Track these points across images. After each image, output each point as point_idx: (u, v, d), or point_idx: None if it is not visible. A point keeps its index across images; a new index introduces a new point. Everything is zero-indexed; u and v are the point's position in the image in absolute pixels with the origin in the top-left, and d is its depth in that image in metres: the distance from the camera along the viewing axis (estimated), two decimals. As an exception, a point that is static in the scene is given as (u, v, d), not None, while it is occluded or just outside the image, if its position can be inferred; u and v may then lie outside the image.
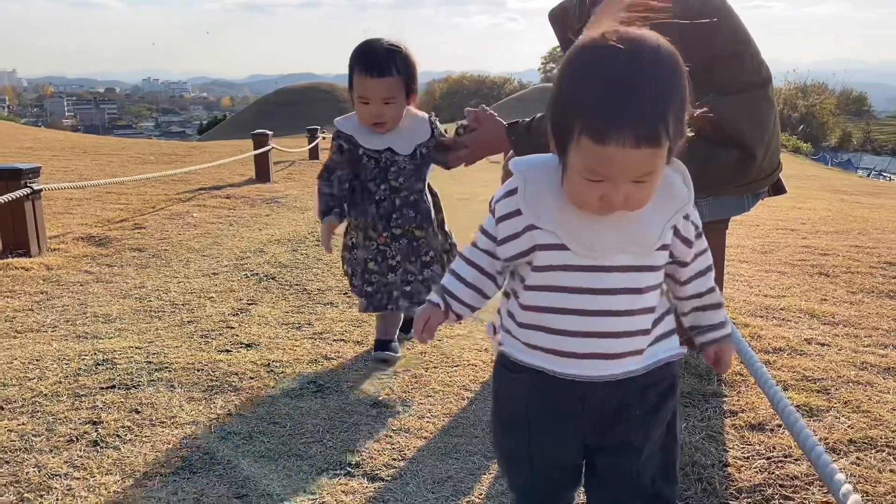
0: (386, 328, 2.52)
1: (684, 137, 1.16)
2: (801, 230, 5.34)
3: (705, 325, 1.34)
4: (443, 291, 1.34)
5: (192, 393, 2.26)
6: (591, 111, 1.07)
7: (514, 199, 1.21)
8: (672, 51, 1.13)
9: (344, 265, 2.54)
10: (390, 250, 2.42)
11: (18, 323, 2.96)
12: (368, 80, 2.30)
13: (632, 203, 1.12)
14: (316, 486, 1.75)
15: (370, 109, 2.34)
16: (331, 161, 2.42)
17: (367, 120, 2.37)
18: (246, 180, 7.76)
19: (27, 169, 4.08)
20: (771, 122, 2.24)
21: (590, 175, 1.09)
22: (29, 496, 1.68)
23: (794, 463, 1.84)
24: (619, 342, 1.20)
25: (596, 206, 1.12)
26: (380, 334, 2.52)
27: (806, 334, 2.78)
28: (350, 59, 2.34)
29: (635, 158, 1.07)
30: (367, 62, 2.31)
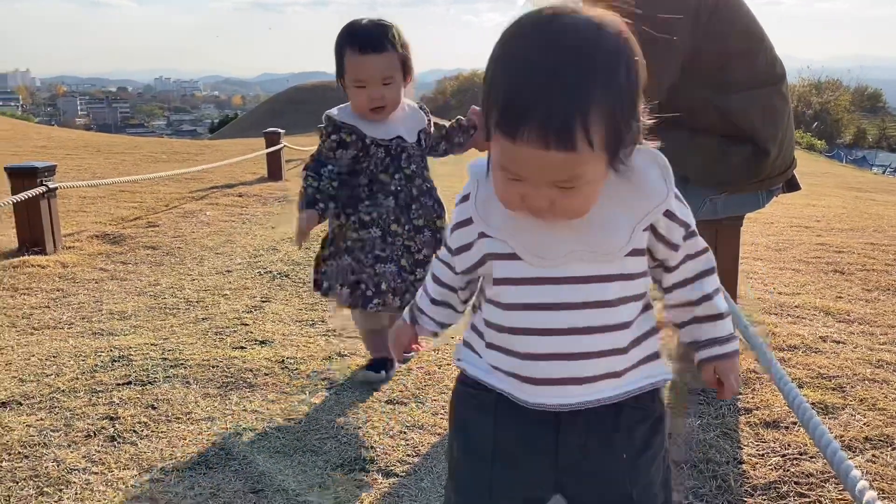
0: (382, 344, 2.28)
1: (631, 144, 0.99)
2: (816, 227, 5.30)
3: (703, 340, 1.17)
4: (412, 308, 1.25)
5: (207, 389, 2.28)
6: (501, 101, 0.91)
7: (466, 205, 1.08)
8: (622, 41, 0.93)
9: (320, 273, 2.29)
10: (415, 244, 2.26)
11: (35, 320, 2.99)
12: (363, 59, 2.11)
13: (560, 211, 0.96)
14: (331, 481, 1.76)
15: (368, 93, 2.14)
16: (322, 154, 2.23)
17: (364, 106, 2.17)
18: (258, 178, 7.79)
19: (43, 167, 4.12)
20: (784, 118, 2.23)
21: (507, 172, 0.95)
22: (48, 490, 1.70)
23: (809, 460, 1.83)
24: (590, 364, 1.04)
25: (519, 207, 0.98)
26: (377, 351, 2.38)
27: (821, 332, 2.77)
28: (337, 42, 2.15)
29: (547, 161, 0.90)
30: (359, 40, 2.12)
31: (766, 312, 3.01)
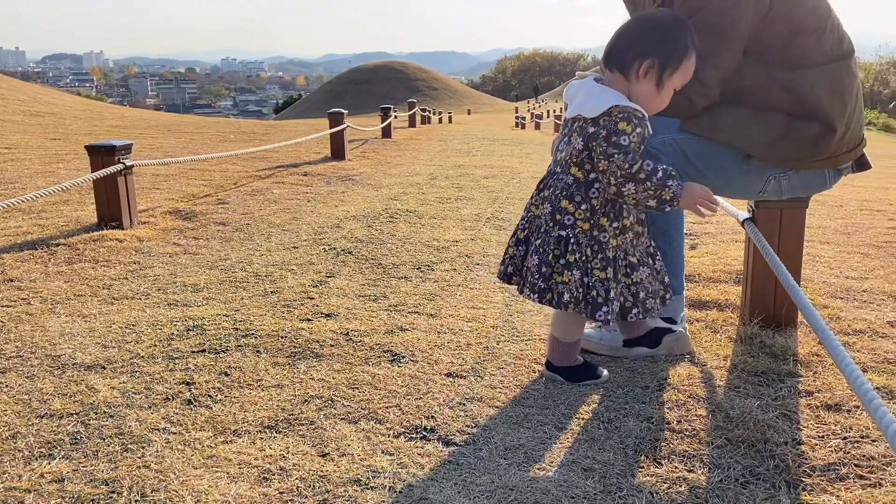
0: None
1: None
2: (888, 211, 5.13)
3: None
4: None
5: (276, 358, 2.38)
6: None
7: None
8: None
9: (603, 271, 2.04)
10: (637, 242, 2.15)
11: (115, 290, 3.16)
12: (694, 62, 2.00)
13: None
14: (394, 447, 1.83)
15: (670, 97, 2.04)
16: (633, 146, 1.95)
17: (659, 109, 2.06)
18: (322, 158, 7.94)
19: (120, 146, 4.30)
20: (853, 95, 2.19)
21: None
22: (132, 447, 1.83)
23: (871, 444, 1.82)
24: None
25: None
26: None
27: (889, 317, 2.71)
28: (684, 37, 1.97)
29: None
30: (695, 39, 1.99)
31: (831, 297, 2.96)
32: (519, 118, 26.42)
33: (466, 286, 3.19)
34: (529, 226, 2.14)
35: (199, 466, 1.74)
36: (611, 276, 2.04)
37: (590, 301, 2.04)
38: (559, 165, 2.09)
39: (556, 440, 1.88)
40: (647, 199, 1.96)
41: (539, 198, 2.12)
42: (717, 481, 1.68)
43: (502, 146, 10.96)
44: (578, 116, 2.02)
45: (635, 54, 1.98)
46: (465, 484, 1.68)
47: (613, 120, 1.94)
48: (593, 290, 2.03)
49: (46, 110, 14.14)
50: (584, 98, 2.02)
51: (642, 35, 2.00)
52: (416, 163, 8.07)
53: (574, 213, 2.02)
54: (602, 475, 1.71)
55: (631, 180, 1.93)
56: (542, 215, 2.08)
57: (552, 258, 2.04)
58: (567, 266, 2.02)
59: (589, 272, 2.03)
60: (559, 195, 2.04)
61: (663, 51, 1.98)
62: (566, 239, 2.03)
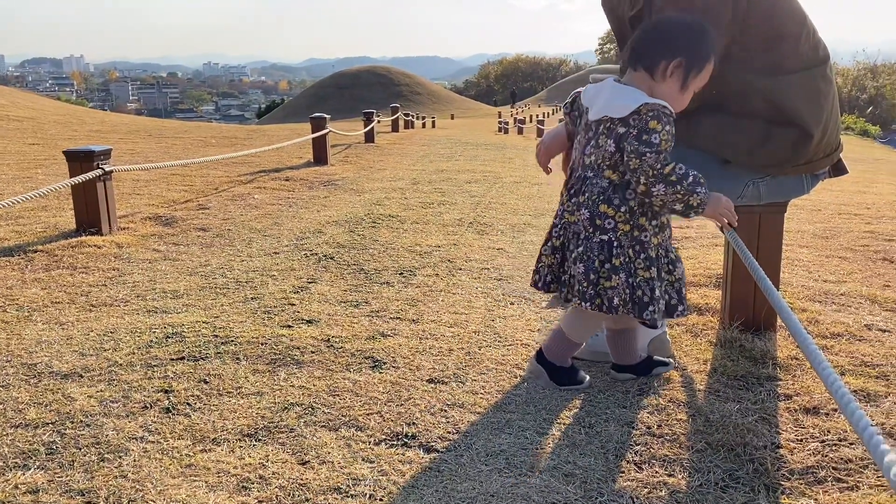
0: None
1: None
2: (866, 215, 5.19)
3: None
4: None
5: (256, 365, 2.36)
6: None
7: None
8: None
9: (647, 271, 2.03)
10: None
11: (93, 297, 3.13)
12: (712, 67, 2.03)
13: None
14: (374, 455, 1.82)
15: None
16: (665, 146, 1.95)
17: (677, 112, 2.04)
18: (304, 163, 7.91)
19: (99, 151, 4.26)
20: (829, 101, 2.21)
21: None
22: (108, 456, 1.80)
23: (848, 447, 1.83)
24: None
25: None
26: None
27: (866, 320, 2.74)
28: (707, 41, 1.99)
29: None
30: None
31: (809, 300, 2.98)
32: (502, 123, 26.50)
33: (449, 291, 3.19)
34: (564, 233, 2.10)
35: (176, 476, 1.72)
36: (654, 275, 2.04)
37: (636, 301, 2.02)
38: (590, 169, 2.04)
39: (537, 445, 1.88)
40: (674, 203, 1.95)
41: (572, 203, 2.07)
42: (697, 485, 1.69)
43: (485, 151, 10.98)
44: (605, 118, 1.99)
45: (663, 53, 1.97)
46: (445, 491, 1.67)
47: (644, 118, 1.92)
48: (639, 289, 2.02)
49: (25, 115, 14.00)
50: (608, 99, 2.01)
51: (671, 35, 2.00)
52: (399, 167, 8.07)
53: (614, 216, 2.00)
54: (583, 480, 1.71)
55: (662, 181, 1.92)
56: (578, 221, 2.05)
57: (598, 264, 2.02)
58: (613, 270, 2.01)
59: (633, 273, 2.02)
60: (596, 200, 2.01)
61: (690, 52, 1.98)
62: (609, 243, 2.01)
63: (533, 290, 3.21)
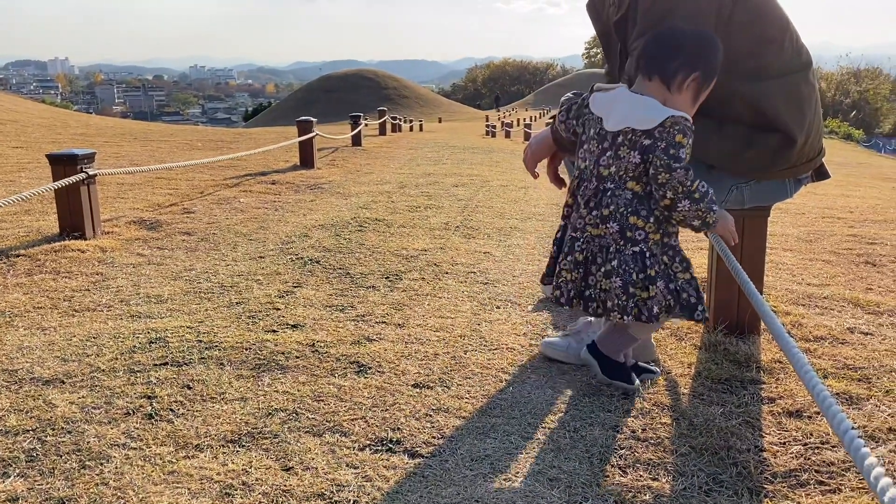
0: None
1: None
2: (849, 219, 5.24)
3: None
4: None
5: (240, 371, 2.35)
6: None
7: None
8: None
9: (686, 272, 2.06)
10: None
11: (76, 302, 3.10)
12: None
13: None
14: (358, 460, 1.81)
15: None
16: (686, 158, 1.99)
17: None
18: (290, 166, 7.89)
19: (83, 154, 4.23)
20: (812, 106, 2.23)
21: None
22: (90, 464, 1.79)
23: (831, 449, 1.84)
24: None
25: None
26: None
27: (849, 323, 2.76)
28: (718, 56, 2.02)
29: None
30: None
31: (793, 303, 3.00)
32: (489, 126, 26.55)
33: (435, 295, 3.19)
34: (588, 247, 2.06)
35: (159, 482, 1.71)
36: (692, 275, 2.06)
37: (684, 304, 2.03)
38: (609, 181, 2.00)
39: (522, 450, 1.88)
40: (693, 219, 1.97)
41: (594, 216, 2.03)
42: (681, 489, 1.69)
43: (472, 154, 11.00)
44: (627, 129, 1.97)
45: (681, 65, 1.97)
46: (430, 496, 1.67)
47: (671, 132, 1.91)
48: (683, 292, 2.03)
49: (8, 118, 13.87)
50: (628, 109, 1.99)
51: (688, 47, 1.99)
52: (386, 171, 8.06)
53: (644, 226, 1.99)
54: (567, 485, 1.71)
55: (688, 197, 1.93)
56: (606, 235, 2.01)
57: (635, 276, 2.00)
58: (649, 280, 2.00)
59: (673, 277, 2.03)
60: (624, 212, 1.99)
61: (706, 66, 1.99)
62: (641, 254, 2.00)
63: (519, 293, 3.22)
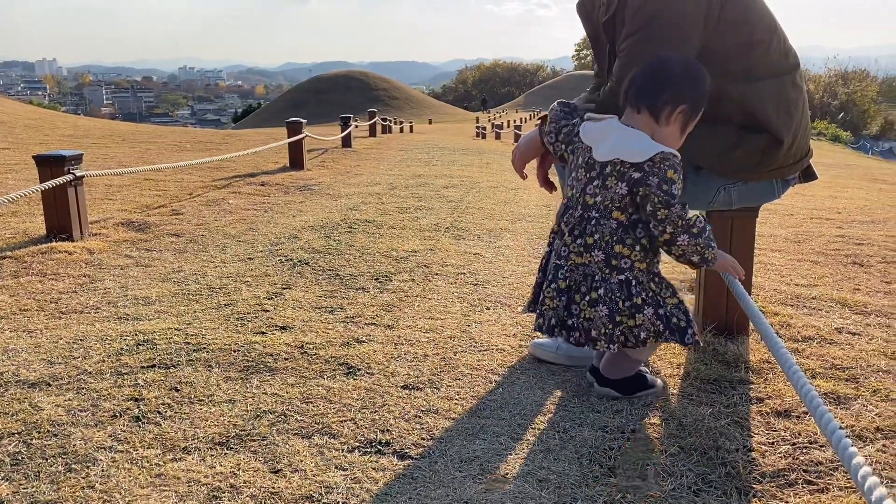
0: None
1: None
2: (837, 219, 5.27)
3: None
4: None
5: (228, 373, 2.34)
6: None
7: None
8: None
9: (674, 297, 2.08)
10: None
11: (63, 304, 3.07)
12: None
13: None
14: (347, 462, 1.81)
15: None
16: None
17: None
18: (280, 168, 7.86)
19: (70, 156, 4.20)
20: (799, 108, 2.24)
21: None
22: (76, 467, 1.77)
23: (819, 449, 1.85)
24: None
25: None
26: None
27: (837, 323, 2.77)
28: (706, 87, 2.03)
29: None
30: None
31: (781, 304, 3.01)
32: (479, 128, 26.57)
33: (424, 297, 3.18)
34: (572, 275, 2.07)
35: (146, 486, 1.69)
36: (680, 299, 2.07)
37: (674, 328, 2.03)
38: (594, 210, 2.02)
39: (511, 451, 1.88)
40: (692, 254, 1.98)
41: (578, 245, 2.05)
42: (671, 490, 1.70)
43: (462, 156, 11.00)
44: (616, 160, 1.98)
45: (668, 98, 1.98)
46: (419, 498, 1.66)
47: (662, 168, 1.93)
48: (673, 317, 2.04)
49: (-5, 119, 13.77)
50: (617, 141, 1.99)
51: (675, 79, 2.00)
52: (376, 172, 8.05)
53: (630, 255, 2.01)
54: (557, 486, 1.71)
55: (686, 232, 1.94)
56: (591, 263, 2.03)
57: (621, 304, 2.01)
58: (636, 308, 2.01)
59: (662, 303, 2.04)
60: (610, 241, 2.00)
61: (693, 98, 2.00)
62: (627, 283, 2.01)
63: (508, 294, 3.22)
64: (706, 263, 2.01)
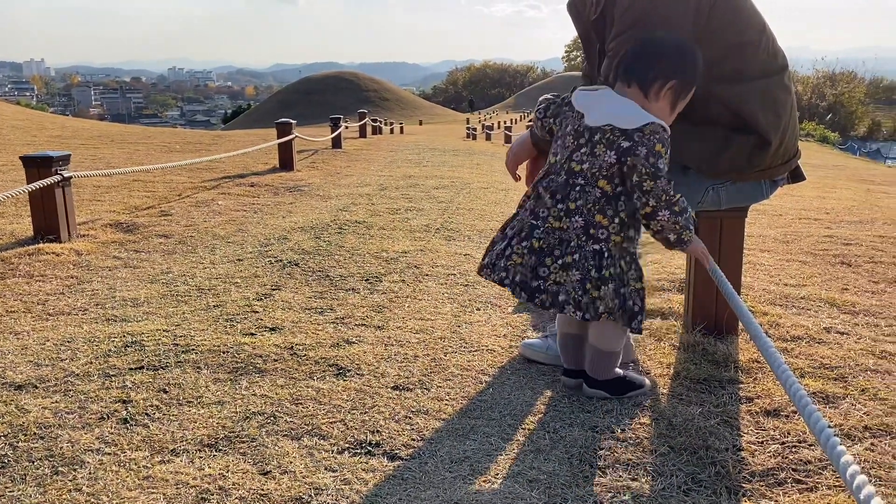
0: None
1: None
2: (825, 220, 5.30)
3: None
4: None
5: (217, 374, 2.32)
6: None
7: None
8: None
9: (638, 281, 2.09)
10: None
11: (50, 306, 3.05)
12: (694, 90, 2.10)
13: None
14: (337, 464, 1.80)
15: None
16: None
17: None
18: (269, 169, 7.84)
19: (58, 157, 4.17)
20: (787, 109, 2.25)
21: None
22: (62, 470, 1.75)
23: (808, 448, 1.85)
24: None
25: None
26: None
27: (825, 323, 2.78)
28: (697, 65, 2.04)
29: None
30: None
31: (770, 304, 3.02)
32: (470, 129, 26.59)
33: (415, 297, 3.18)
34: (547, 237, 2.05)
35: (133, 488, 1.68)
36: (643, 285, 2.08)
37: (626, 310, 2.04)
38: (580, 177, 2.01)
39: (501, 451, 1.88)
40: (669, 232, 1.98)
41: (559, 210, 2.03)
42: (661, 489, 1.70)
43: (453, 157, 11.00)
44: (607, 126, 1.98)
45: (658, 74, 1.99)
46: (409, 499, 1.66)
47: (651, 140, 1.93)
48: (629, 300, 2.04)
49: (-17, 120, 13.67)
50: (611, 108, 1.99)
51: (666, 56, 2.01)
52: (367, 173, 8.04)
53: (608, 226, 2.01)
54: (547, 486, 1.71)
55: (668, 208, 1.95)
56: (569, 229, 2.02)
57: (593, 273, 2.01)
58: (602, 280, 2.01)
59: (625, 283, 2.04)
60: (592, 209, 2.00)
61: (683, 75, 2.01)
62: (600, 253, 2.01)
63: (499, 294, 3.22)
64: (681, 244, 2.01)
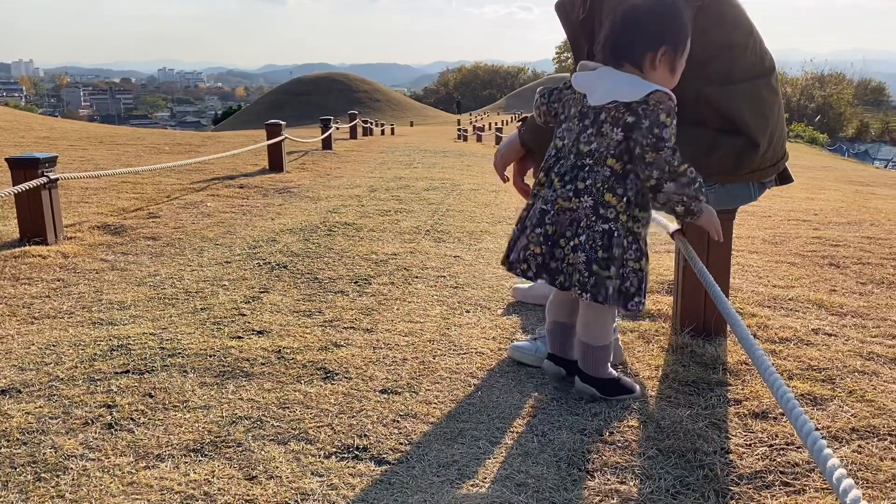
0: None
1: None
2: (814, 221, 5.32)
3: None
4: None
5: (204, 378, 2.30)
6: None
7: None
8: None
9: (637, 262, 2.05)
10: None
11: (36, 309, 3.02)
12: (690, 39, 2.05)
13: None
14: (324, 468, 1.79)
15: None
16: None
17: None
18: (259, 170, 7.81)
19: (44, 158, 4.14)
20: (775, 111, 2.25)
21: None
22: (45, 476, 1.73)
23: (795, 451, 1.86)
24: None
25: None
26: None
27: (813, 325, 2.79)
28: (680, 19, 2.00)
29: None
30: None
31: (759, 305, 3.03)
32: (461, 130, 26.59)
33: (404, 300, 3.16)
34: (559, 219, 2.03)
35: (117, 494, 1.66)
36: (643, 266, 2.04)
37: (623, 291, 2.01)
38: (588, 157, 1.99)
39: (489, 455, 1.87)
40: (677, 204, 1.95)
41: (567, 190, 2.01)
42: (649, 492, 1.69)
43: (444, 158, 10.99)
44: (612, 103, 1.95)
45: (645, 45, 1.96)
46: (397, 503, 1.64)
47: (655, 110, 1.89)
48: (627, 280, 2.01)
49: (-30, 121, 13.57)
50: (614, 84, 1.97)
51: (645, 25, 1.97)
52: (357, 175, 8.02)
53: (616, 205, 1.98)
54: (535, 490, 1.70)
55: (673, 180, 1.91)
56: (579, 209, 1.99)
57: (601, 254, 1.99)
58: (611, 260, 1.98)
59: (624, 263, 2.01)
60: (602, 188, 1.97)
61: (671, 35, 1.97)
62: (610, 233, 1.98)
63: (488, 297, 3.21)
64: (690, 216, 1.98)
